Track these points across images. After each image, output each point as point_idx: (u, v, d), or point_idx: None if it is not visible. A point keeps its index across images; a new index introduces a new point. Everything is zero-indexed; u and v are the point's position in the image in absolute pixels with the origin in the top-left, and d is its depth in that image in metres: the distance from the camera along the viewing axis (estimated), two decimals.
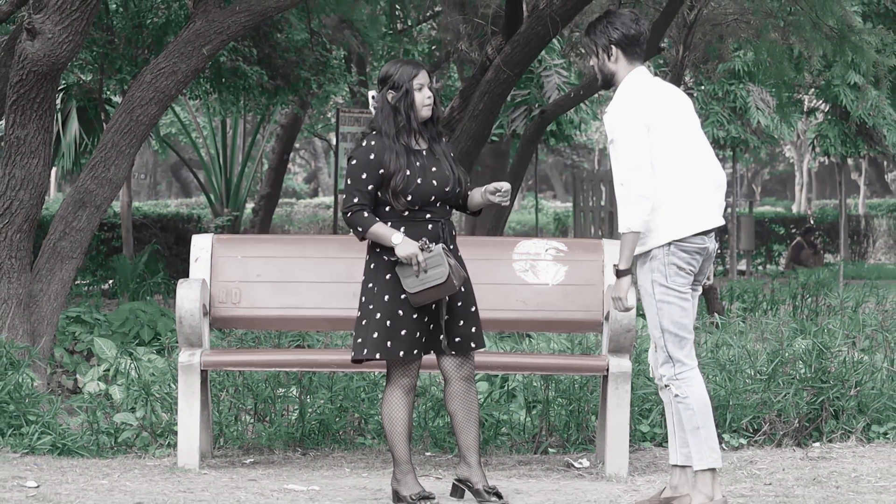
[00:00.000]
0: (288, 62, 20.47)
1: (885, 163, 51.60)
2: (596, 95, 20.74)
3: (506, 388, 9.25)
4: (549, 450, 8.63)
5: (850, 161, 31.07)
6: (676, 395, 6.71)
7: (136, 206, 32.04)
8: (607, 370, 7.85)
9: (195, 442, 7.89)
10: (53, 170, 27.55)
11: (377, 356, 6.87)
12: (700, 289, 6.91)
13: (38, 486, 7.25)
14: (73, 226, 10.00)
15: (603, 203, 23.90)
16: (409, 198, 6.88)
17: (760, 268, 35.56)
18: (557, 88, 22.84)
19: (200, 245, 8.27)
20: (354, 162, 6.92)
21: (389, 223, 6.92)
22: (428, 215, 6.95)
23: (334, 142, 21.48)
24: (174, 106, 28.15)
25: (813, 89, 26.43)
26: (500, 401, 9.17)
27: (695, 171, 6.73)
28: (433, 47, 23.69)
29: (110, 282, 19.99)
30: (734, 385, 8.85)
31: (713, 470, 6.66)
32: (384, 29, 23.91)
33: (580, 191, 24.04)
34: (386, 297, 6.88)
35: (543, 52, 19.58)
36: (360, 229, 6.89)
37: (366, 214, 6.87)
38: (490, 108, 13.96)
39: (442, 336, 6.92)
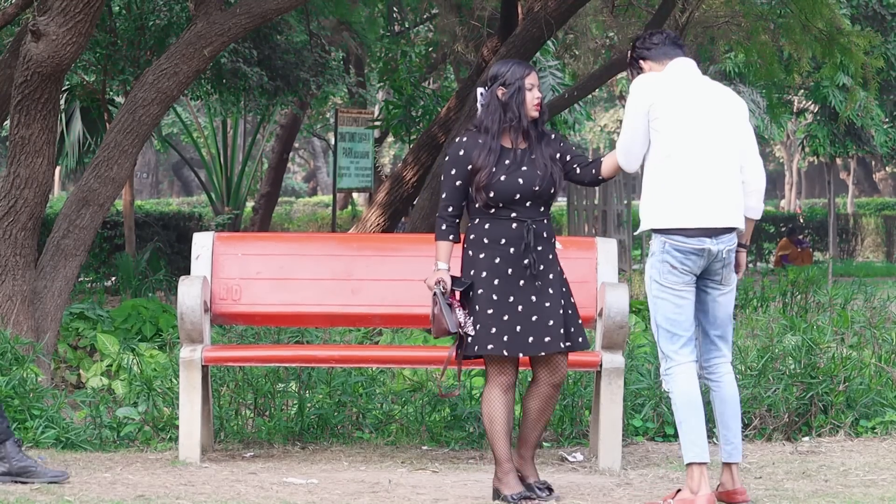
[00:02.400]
0: (287, 63, 20.48)
1: (873, 162, 51.61)
2: (590, 96, 20.72)
3: None
4: (544, 444, 8.62)
5: (838, 161, 31.05)
6: (666, 390, 6.73)
7: (139, 204, 32.01)
8: (600, 366, 7.85)
9: (196, 436, 7.89)
10: (57, 169, 27.54)
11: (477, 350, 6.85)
12: (725, 290, 6.81)
13: None
14: (76, 224, 9.99)
15: (596, 202, 23.86)
16: (492, 194, 6.84)
17: (751, 265, 35.58)
18: (552, 89, 22.83)
19: (201, 243, 8.27)
20: (447, 158, 6.96)
21: (477, 219, 6.91)
22: (513, 214, 6.88)
23: (333, 141, 21.47)
24: (176, 106, 28.12)
25: (802, 90, 26.46)
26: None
27: (697, 166, 6.67)
28: (430, 49, 23.68)
29: (113, 279, 19.96)
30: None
31: (702, 464, 6.65)
32: (382, 31, 23.90)
33: (574, 190, 24.01)
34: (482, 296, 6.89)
35: (538, 54, 19.56)
36: (435, 235, 6.96)
37: (444, 227, 6.91)
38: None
39: (531, 339, 6.84)
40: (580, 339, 6.96)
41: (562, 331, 6.88)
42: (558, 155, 7.01)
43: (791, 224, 35.35)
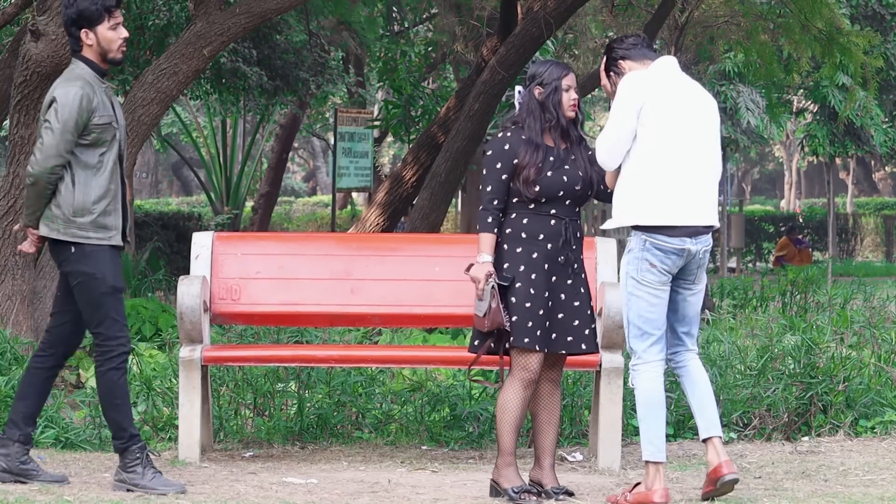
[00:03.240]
0: (287, 63, 20.46)
1: (873, 162, 51.59)
2: (589, 95, 20.72)
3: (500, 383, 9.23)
4: None
5: (838, 160, 31.03)
6: (631, 386, 6.80)
7: (138, 203, 32.02)
8: (600, 366, 7.85)
9: (196, 436, 7.88)
10: None
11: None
12: (696, 290, 6.88)
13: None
14: None
15: (595, 202, 23.88)
16: (538, 188, 6.89)
17: (750, 265, 35.59)
18: None
19: (201, 242, 8.26)
20: (490, 152, 6.98)
21: (515, 214, 6.94)
22: (553, 210, 6.94)
23: (332, 141, 21.46)
24: (175, 106, 28.12)
25: (802, 90, 26.46)
26: (495, 395, 9.15)
27: (681, 166, 6.69)
28: (429, 49, 23.66)
29: None
30: (724, 380, 8.85)
31: (657, 463, 6.69)
32: (381, 31, 23.89)
33: None
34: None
35: (537, 54, 19.55)
36: (478, 226, 6.97)
37: (490, 219, 6.91)
38: (485, 109, 13.95)
39: (554, 335, 6.91)
40: (595, 342, 7.04)
41: (587, 331, 6.97)
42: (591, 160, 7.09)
43: (791, 223, 35.34)
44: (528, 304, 6.86)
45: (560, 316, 6.93)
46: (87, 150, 6.88)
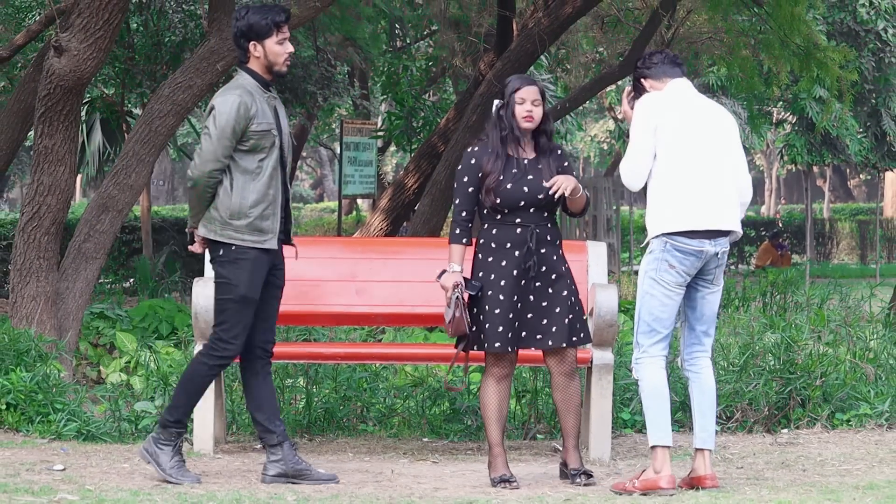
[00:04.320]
0: (295, 77, 20.47)
1: (848, 170, 51.57)
2: (581, 108, 20.73)
3: None
4: (538, 436, 8.62)
5: (815, 169, 31.04)
6: (635, 378, 6.80)
7: (156, 209, 32.00)
8: (591, 362, 7.85)
9: (209, 429, 7.88)
10: (78, 177, 27.48)
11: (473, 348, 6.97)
12: (714, 289, 6.85)
13: (64, 469, 7.24)
14: (96, 228, 9.98)
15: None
16: (498, 199, 6.90)
17: (733, 267, 35.56)
18: None
19: None
20: (459, 167, 7.02)
21: (486, 224, 6.97)
22: (518, 220, 6.94)
23: (338, 150, 21.45)
24: (190, 117, 28.10)
25: (781, 102, 26.47)
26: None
27: (699, 176, 6.71)
28: (430, 63, 23.65)
29: (131, 280, 19.96)
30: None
31: (665, 447, 6.68)
32: (384, 46, 23.89)
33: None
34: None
35: (532, 68, 19.56)
36: (449, 238, 7.01)
37: (458, 231, 6.95)
38: (483, 120, 13.93)
39: (524, 333, 6.93)
40: (581, 335, 7.01)
41: (554, 329, 6.92)
42: (559, 168, 7.03)
43: (774, 229, 35.30)
44: (497, 311, 6.88)
45: (529, 316, 6.94)
46: (246, 156, 6.82)
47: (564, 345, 6.94)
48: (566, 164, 7.07)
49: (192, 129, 32.38)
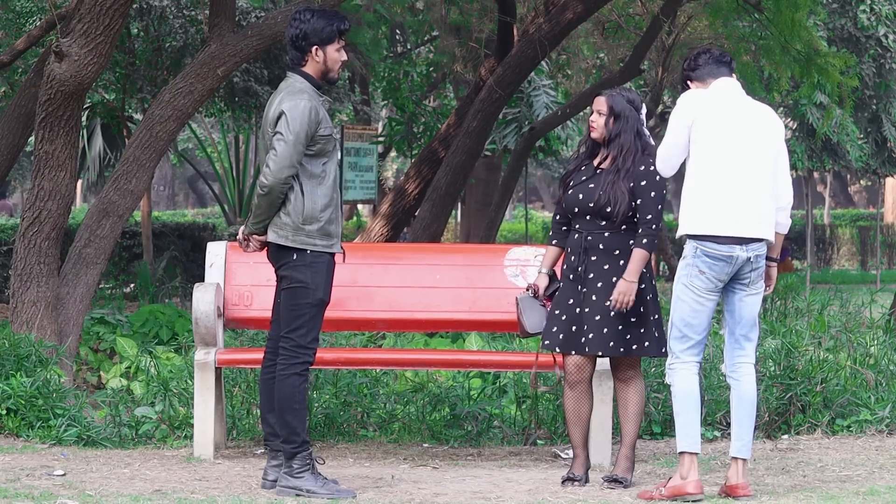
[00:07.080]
0: None
1: (848, 176, 51.57)
2: (581, 113, 20.75)
3: (497, 384, 9.24)
4: (538, 441, 8.62)
5: (816, 174, 31.08)
6: (668, 383, 6.80)
7: (156, 215, 31.99)
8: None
9: (210, 434, 7.88)
10: (79, 182, 27.53)
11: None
12: (752, 292, 6.80)
13: (64, 475, 7.25)
14: (97, 234, 9.98)
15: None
16: (563, 204, 7.20)
17: None
18: (546, 107, 22.85)
19: (215, 252, 8.26)
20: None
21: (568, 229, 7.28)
22: (577, 225, 7.15)
23: (339, 155, 21.45)
24: (191, 123, 28.13)
25: (782, 108, 26.47)
26: (493, 396, 9.16)
27: (732, 179, 6.68)
28: (431, 69, 23.68)
29: (132, 285, 19.95)
30: (709, 381, 8.84)
31: (693, 454, 6.68)
32: (385, 52, 23.91)
33: None
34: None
35: (532, 73, 19.58)
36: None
37: (550, 233, 7.31)
38: (483, 125, 13.97)
39: (582, 339, 7.08)
40: (633, 347, 7.07)
41: (591, 335, 7.01)
42: (632, 184, 7.05)
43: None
44: (556, 311, 7.14)
45: (579, 321, 7.09)
46: (312, 161, 6.82)
47: (600, 353, 7.06)
48: (643, 182, 7.04)
49: (192, 134, 32.41)
